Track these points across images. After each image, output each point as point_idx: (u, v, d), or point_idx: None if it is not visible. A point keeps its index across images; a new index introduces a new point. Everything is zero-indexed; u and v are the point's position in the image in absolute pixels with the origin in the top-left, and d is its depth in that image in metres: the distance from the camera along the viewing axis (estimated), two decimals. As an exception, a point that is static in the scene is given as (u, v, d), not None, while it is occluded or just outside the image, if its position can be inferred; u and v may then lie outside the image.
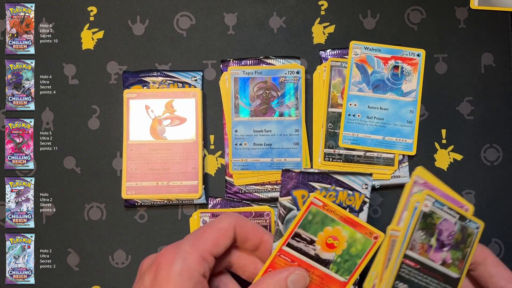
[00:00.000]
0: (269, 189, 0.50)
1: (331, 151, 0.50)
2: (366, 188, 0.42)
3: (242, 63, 0.51)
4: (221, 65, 0.52)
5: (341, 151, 0.50)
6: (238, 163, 0.50)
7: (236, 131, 0.50)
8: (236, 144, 0.50)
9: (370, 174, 0.41)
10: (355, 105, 0.50)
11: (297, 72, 0.50)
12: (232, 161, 0.50)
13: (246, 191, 0.50)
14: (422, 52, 0.50)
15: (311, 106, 0.51)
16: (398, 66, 0.50)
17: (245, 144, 0.50)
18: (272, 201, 0.50)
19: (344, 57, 0.51)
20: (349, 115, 0.50)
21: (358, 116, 0.50)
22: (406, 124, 0.50)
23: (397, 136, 0.50)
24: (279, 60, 0.51)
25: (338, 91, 0.50)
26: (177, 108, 0.50)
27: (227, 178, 0.51)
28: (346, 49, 0.51)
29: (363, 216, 0.40)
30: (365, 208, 0.40)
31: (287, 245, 0.38)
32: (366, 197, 0.40)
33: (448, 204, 0.37)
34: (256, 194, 0.50)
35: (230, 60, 0.51)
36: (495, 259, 0.39)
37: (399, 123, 0.50)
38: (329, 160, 0.50)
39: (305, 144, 0.50)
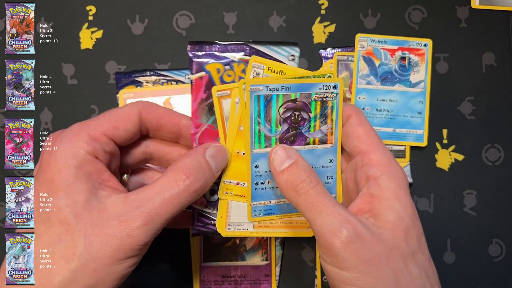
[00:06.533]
0: None
1: None
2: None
3: (228, 48, 0.40)
4: (188, 47, 0.39)
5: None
6: (259, 208, 0.39)
7: (256, 166, 0.38)
8: (257, 184, 0.38)
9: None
10: (363, 98, 0.50)
11: (334, 87, 0.37)
12: (252, 206, 0.39)
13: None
14: (429, 42, 0.50)
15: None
16: (405, 57, 0.50)
17: (268, 182, 0.39)
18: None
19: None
20: (358, 108, 0.50)
21: (367, 109, 0.50)
22: (416, 115, 0.50)
23: (407, 128, 0.50)
24: (269, 46, 0.40)
25: (346, 85, 0.50)
26: (175, 105, 0.50)
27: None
28: (347, 48, 0.51)
29: None
30: None
31: None
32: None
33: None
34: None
35: (204, 44, 0.40)
36: (360, 118, 0.36)
37: (409, 115, 0.50)
38: None
39: (339, 177, 0.39)
